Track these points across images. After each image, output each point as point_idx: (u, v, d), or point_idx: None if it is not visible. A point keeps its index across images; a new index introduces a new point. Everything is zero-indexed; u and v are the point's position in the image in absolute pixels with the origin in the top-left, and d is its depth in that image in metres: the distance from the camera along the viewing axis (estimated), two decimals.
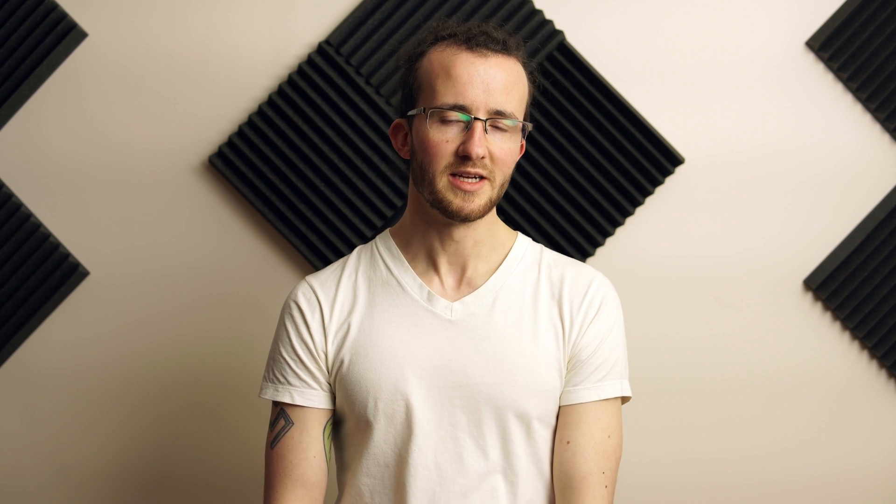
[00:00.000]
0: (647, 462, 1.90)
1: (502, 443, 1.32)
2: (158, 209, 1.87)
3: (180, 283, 1.88)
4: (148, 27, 1.85)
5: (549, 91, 1.86)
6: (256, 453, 1.87)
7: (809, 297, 1.93)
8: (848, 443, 1.95)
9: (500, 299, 1.34)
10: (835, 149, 1.92)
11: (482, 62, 1.27)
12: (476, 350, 1.31)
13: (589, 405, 1.34)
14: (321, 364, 1.36)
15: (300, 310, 1.37)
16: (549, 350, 1.33)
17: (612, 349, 1.37)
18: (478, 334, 1.32)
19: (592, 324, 1.35)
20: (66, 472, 1.88)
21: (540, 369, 1.32)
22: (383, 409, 1.31)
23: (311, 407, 1.36)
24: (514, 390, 1.31)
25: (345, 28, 1.86)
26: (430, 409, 1.31)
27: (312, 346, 1.36)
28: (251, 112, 1.86)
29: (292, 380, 1.37)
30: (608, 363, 1.36)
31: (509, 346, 1.32)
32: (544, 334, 1.33)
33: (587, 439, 1.33)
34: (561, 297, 1.35)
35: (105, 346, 1.87)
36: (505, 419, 1.31)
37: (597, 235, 1.90)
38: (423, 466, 1.32)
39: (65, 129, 1.85)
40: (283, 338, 1.38)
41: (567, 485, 1.33)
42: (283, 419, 1.37)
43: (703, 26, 1.90)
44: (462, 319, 1.33)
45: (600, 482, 1.32)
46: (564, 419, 1.35)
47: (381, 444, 1.33)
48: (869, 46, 1.90)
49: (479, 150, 1.24)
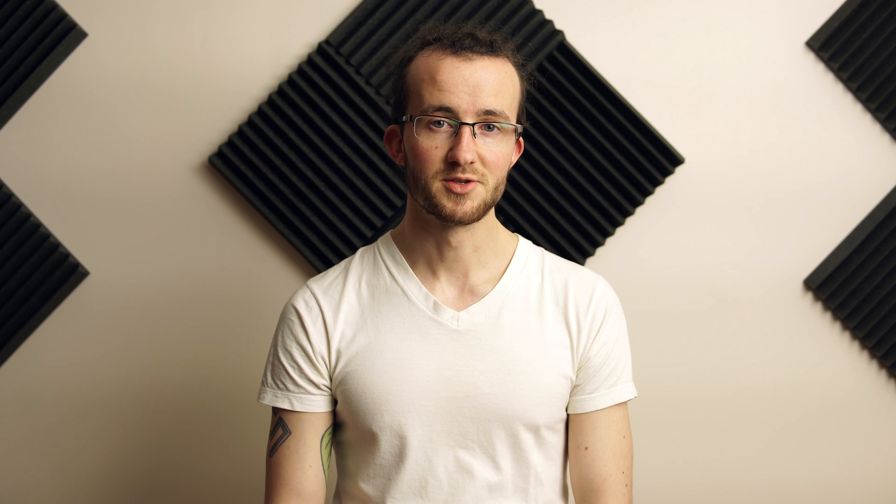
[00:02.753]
0: (647, 465, 1.90)
1: (513, 452, 1.32)
2: (158, 209, 1.87)
3: (180, 283, 1.88)
4: (148, 27, 1.85)
5: (549, 91, 1.86)
6: (254, 457, 1.87)
7: (809, 298, 1.93)
8: (848, 443, 1.95)
9: (506, 308, 1.32)
10: (835, 149, 1.92)
11: (467, 66, 1.24)
12: (483, 360, 1.30)
13: (603, 411, 1.35)
14: (321, 371, 1.34)
15: (300, 316, 1.35)
16: (556, 358, 1.32)
17: (621, 353, 1.38)
18: (485, 344, 1.31)
19: (601, 331, 1.35)
20: (64, 472, 1.88)
21: (547, 378, 1.32)
22: (389, 422, 1.29)
23: (309, 413, 1.35)
24: (524, 400, 1.30)
25: (345, 28, 1.85)
26: (438, 420, 1.30)
27: (312, 354, 1.33)
28: (251, 112, 1.86)
29: (290, 385, 1.35)
30: (618, 368, 1.37)
31: (517, 356, 1.31)
32: (551, 342, 1.33)
33: (604, 443, 1.34)
34: (566, 303, 1.34)
35: (105, 346, 1.87)
36: (515, 429, 1.31)
37: (597, 236, 1.90)
38: (434, 478, 1.31)
39: (65, 129, 1.85)
40: (282, 343, 1.36)
41: (588, 488, 1.34)
42: (282, 428, 1.35)
43: (703, 26, 1.90)
44: (469, 329, 1.31)
45: (621, 482, 1.34)
46: (579, 425, 1.35)
47: (387, 455, 1.32)
48: (869, 46, 1.89)
49: (468, 156, 1.22)
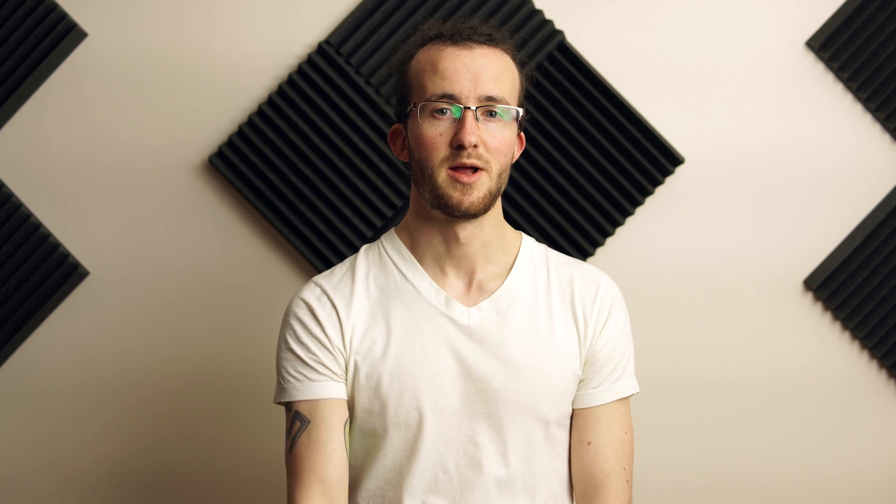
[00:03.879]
0: (646, 462, 1.89)
1: (522, 448, 1.31)
2: (158, 209, 1.86)
3: (180, 282, 1.87)
4: (148, 27, 1.84)
5: (549, 91, 1.86)
6: (255, 454, 1.86)
7: (809, 298, 1.93)
8: (848, 443, 1.94)
9: (516, 303, 1.33)
10: (835, 148, 1.92)
11: (468, 53, 1.26)
12: (495, 356, 1.30)
13: (607, 405, 1.35)
14: (339, 360, 1.31)
15: (311, 309, 1.33)
16: (566, 353, 1.33)
17: (625, 348, 1.38)
18: (497, 339, 1.30)
19: (606, 326, 1.35)
20: (65, 473, 1.88)
21: (557, 373, 1.32)
22: (404, 417, 1.29)
23: (330, 399, 1.30)
24: (535, 396, 1.30)
25: (345, 28, 1.85)
26: (450, 415, 1.29)
27: (329, 344, 1.31)
28: (251, 112, 1.86)
29: (310, 374, 1.31)
30: (622, 363, 1.37)
31: (528, 351, 1.31)
32: (560, 337, 1.33)
33: (607, 438, 1.35)
34: (573, 298, 1.35)
35: (105, 346, 1.87)
36: (526, 425, 1.31)
37: (597, 235, 1.89)
38: (444, 473, 1.30)
39: (64, 128, 1.84)
40: (295, 337, 1.33)
41: (590, 483, 1.34)
42: (298, 420, 1.31)
43: (704, 26, 1.90)
44: (480, 325, 1.31)
45: (622, 478, 1.35)
46: (583, 420, 1.35)
47: (399, 450, 1.31)
48: (869, 46, 1.89)
49: (472, 138, 1.23)
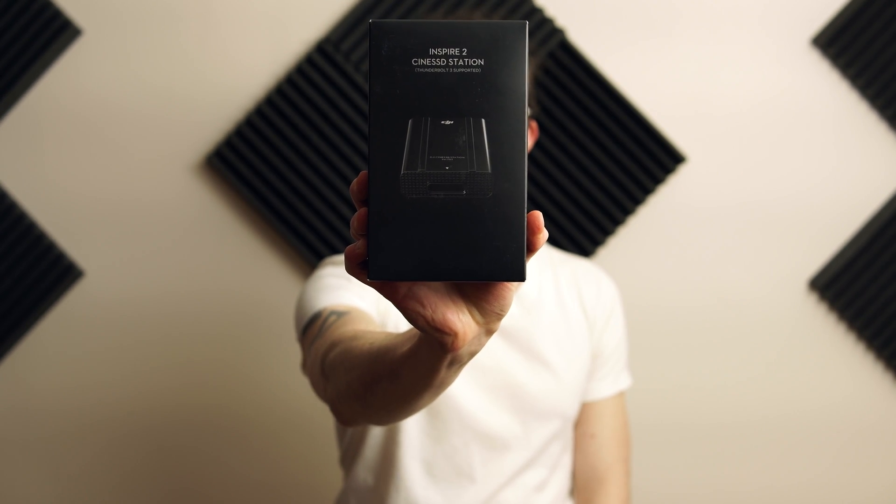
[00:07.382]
0: (645, 464, 1.89)
1: (541, 442, 1.33)
2: (156, 209, 1.85)
3: (178, 283, 1.85)
4: (145, 25, 1.83)
5: (551, 89, 1.85)
6: (252, 457, 1.85)
7: (814, 298, 1.92)
8: (853, 443, 1.94)
9: (537, 300, 1.34)
10: (840, 146, 1.91)
11: None
12: (521, 353, 1.31)
13: (610, 398, 1.40)
14: (371, 296, 1.21)
15: (339, 265, 1.26)
16: (580, 349, 1.35)
17: (624, 342, 1.43)
18: (523, 335, 1.32)
19: (610, 320, 1.39)
20: (58, 475, 1.86)
21: (574, 368, 1.34)
22: (427, 410, 1.27)
23: (365, 310, 1.17)
24: (559, 392, 1.32)
25: (344, 26, 1.84)
26: (475, 409, 1.29)
27: (360, 288, 1.21)
28: (250, 111, 1.84)
29: (344, 285, 1.19)
30: (623, 357, 1.42)
31: (551, 349, 1.32)
32: (576, 334, 1.35)
33: (610, 430, 1.39)
34: (581, 295, 1.38)
35: (101, 347, 1.85)
36: (550, 421, 1.32)
37: (598, 235, 1.88)
38: (467, 463, 1.30)
39: (59, 127, 1.83)
40: (326, 273, 1.24)
41: (592, 476, 1.38)
42: (334, 314, 1.12)
43: (705, 23, 1.89)
44: (505, 321, 1.30)
45: (622, 469, 1.40)
46: (588, 413, 1.39)
47: (422, 440, 1.28)
48: (876, 44, 1.89)
49: None
